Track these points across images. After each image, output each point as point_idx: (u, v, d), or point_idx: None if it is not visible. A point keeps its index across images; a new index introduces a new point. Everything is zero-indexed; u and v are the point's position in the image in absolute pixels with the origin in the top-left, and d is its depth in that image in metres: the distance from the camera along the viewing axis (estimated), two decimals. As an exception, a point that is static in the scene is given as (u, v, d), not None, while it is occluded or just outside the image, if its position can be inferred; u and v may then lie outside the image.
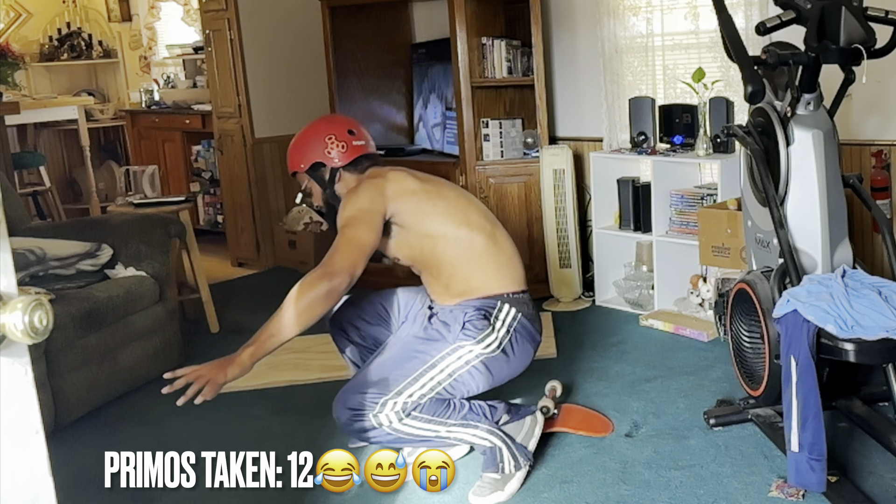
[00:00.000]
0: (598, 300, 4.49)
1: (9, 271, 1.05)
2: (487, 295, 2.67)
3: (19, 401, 1.06)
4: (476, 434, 2.63)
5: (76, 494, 2.79)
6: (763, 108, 2.91)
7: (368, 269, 5.27)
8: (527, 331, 2.70)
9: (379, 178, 2.72)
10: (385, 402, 2.52)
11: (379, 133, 5.21)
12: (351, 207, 2.62)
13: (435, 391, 2.56)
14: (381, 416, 2.52)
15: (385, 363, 2.62)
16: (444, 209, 2.72)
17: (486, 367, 2.62)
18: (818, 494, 2.45)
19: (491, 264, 2.71)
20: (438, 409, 2.58)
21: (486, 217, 2.81)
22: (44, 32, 7.63)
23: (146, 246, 3.86)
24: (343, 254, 2.52)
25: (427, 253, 2.72)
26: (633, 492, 2.60)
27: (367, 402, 2.53)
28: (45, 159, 6.74)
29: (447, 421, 2.59)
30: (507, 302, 2.67)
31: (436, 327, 2.65)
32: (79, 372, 3.36)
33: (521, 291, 2.73)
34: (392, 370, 2.57)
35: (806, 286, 2.61)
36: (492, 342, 2.61)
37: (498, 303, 2.66)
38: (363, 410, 2.52)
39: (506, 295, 2.69)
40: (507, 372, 2.69)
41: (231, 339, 4.25)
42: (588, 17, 4.57)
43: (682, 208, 4.14)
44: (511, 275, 2.72)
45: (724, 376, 3.38)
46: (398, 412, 2.53)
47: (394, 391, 2.53)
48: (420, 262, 2.77)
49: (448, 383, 2.58)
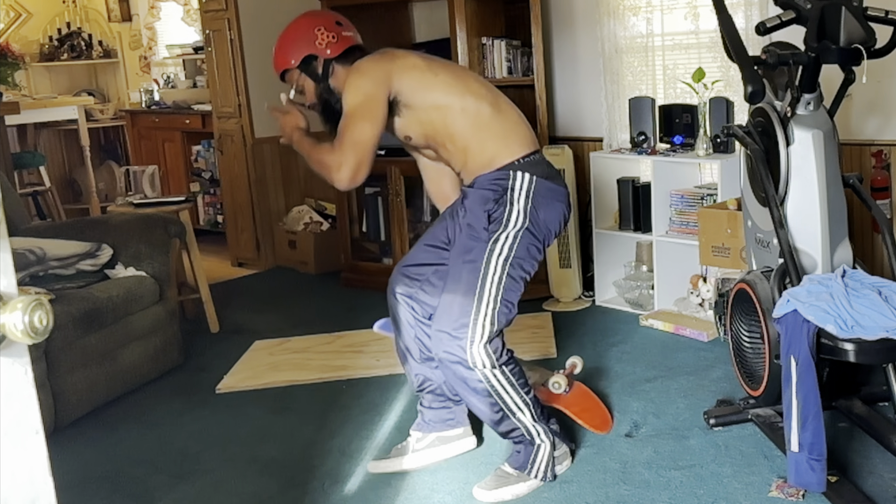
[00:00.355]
0: (598, 300, 4.49)
1: (9, 271, 1.05)
2: (500, 166, 2.62)
3: (19, 401, 1.06)
4: (535, 425, 2.64)
5: (76, 494, 2.79)
6: (763, 108, 2.91)
7: (368, 269, 5.27)
8: (547, 188, 2.64)
9: (382, 56, 2.67)
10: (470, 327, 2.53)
11: (379, 133, 5.21)
12: (355, 93, 2.57)
13: (503, 286, 2.55)
14: (475, 352, 2.53)
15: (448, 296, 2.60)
16: (446, 80, 2.66)
17: (528, 239, 2.60)
18: (818, 494, 2.45)
19: (499, 132, 2.65)
20: (522, 379, 2.62)
21: (485, 86, 2.75)
22: (44, 32, 7.63)
23: (146, 246, 3.86)
24: (350, 155, 2.51)
25: (438, 126, 2.66)
26: (633, 492, 2.60)
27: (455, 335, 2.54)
28: (45, 159, 6.73)
29: (523, 392, 2.61)
30: (519, 169, 2.62)
31: (466, 234, 2.62)
32: (79, 372, 3.36)
33: (531, 153, 2.67)
34: (457, 297, 2.57)
35: (806, 286, 2.61)
36: (517, 217, 2.59)
37: (510, 172, 2.61)
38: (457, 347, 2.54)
39: (517, 161, 2.62)
40: (546, 231, 2.65)
41: (231, 339, 4.26)
42: (588, 17, 4.57)
43: (682, 208, 4.14)
44: (519, 139, 2.66)
45: (724, 376, 3.38)
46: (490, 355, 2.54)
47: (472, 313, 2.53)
48: (432, 138, 2.69)
49: (508, 272, 2.57)
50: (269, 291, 5.25)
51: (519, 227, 2.59)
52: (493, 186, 2.61)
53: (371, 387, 3.55)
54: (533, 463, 2.65)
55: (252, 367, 3.88)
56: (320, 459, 2.95)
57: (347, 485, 2.77)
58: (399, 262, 2.92)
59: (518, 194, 2.60)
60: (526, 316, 4.31)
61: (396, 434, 3.10)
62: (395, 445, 2.94)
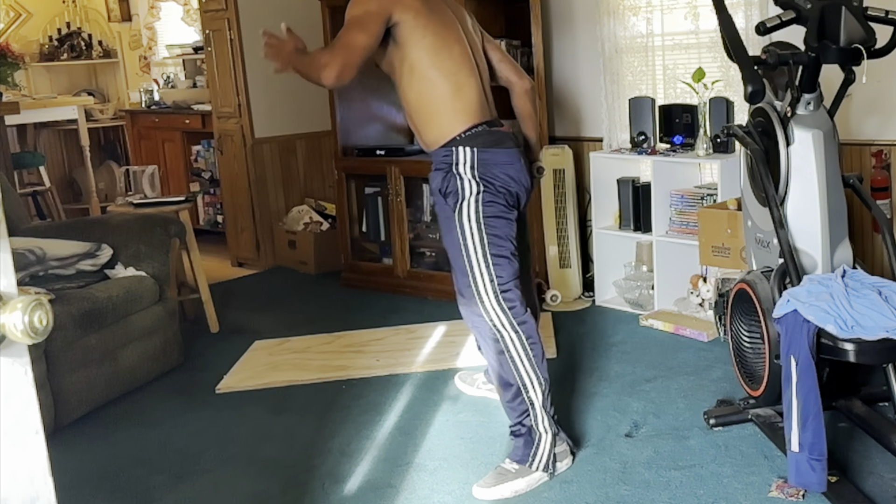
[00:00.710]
0: (598, 300, 4.49)
1: (9, 271, 1.05)
2: (444, 143, 2.78)
3: (19, 401, 1.06)
4: (543, 410, 2.71)
5: (76, 494, 2.79)
6: (763, 108, 2.91)
7: (368, 269, 5.26)
8: (488, 156, 2.75)
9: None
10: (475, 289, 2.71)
11: (379, 133, 5.22)
12: (358, 7, 2.69)
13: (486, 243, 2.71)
14: (489, 306, 2.70)
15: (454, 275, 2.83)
16: (427, 45, 2.75)
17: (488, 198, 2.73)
18: (818, 494, 2.45)
19: (448, 111, 2.78)
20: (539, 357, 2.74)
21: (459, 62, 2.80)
22: (44, 32, 7.63)
23: (146, 246, 3.86)
24: (340, 55, 2.62)
25: (405, 83, 2.79)
26: (633, 492, 2.60)
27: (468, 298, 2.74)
28: (45, 159, 6.74)
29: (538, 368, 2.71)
30: (460, 144, 2.75)
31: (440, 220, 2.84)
32: (79, 372, 3.36)
33: (473, 126, 2.77)
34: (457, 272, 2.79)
35: (806, 286, 2.61)
36: (469, 186, 2.73)
37: (453, 149, 2.76)
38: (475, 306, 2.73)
39: (458, 137, 2.75)
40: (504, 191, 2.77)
41: (231, 339, 4.26)
42: (588, 17, 4.57)
43: (682, 208, 4.14)
44: (464, 116, 2.77)
45: (724, 376, 3.38)
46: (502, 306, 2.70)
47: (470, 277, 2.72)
48: (398, 84, 2.83)
49: (485, 231, 2.71)
50: (268, 291, 5.25)
51: (476, 192, 2.73)
52: (441, 165, 2.79)
53: (371, 387, 3.56)
54: (534, 455, 2.67)
55: (252, 367, 3.88)
56: (320, 459, 2.95)
57: (347, 485, 2.77)
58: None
59: (463, 168, 2.74)
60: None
61: (396, 434, 3.10)
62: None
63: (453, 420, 3.19)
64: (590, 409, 3.20)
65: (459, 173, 2.73)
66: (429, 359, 3.82)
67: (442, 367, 3.71)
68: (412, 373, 3.67)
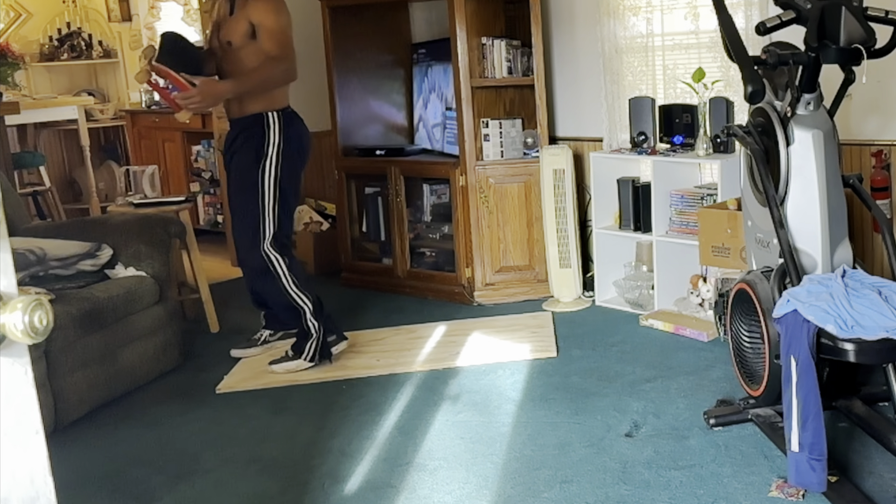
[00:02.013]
0: (598, 300, 4.49)
1: (9, 271, 1.05)
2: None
3: (19, 401, 1.06)
4: (313, 319, 3.67)
5: (76, 494, 2.79)
6: (763, 108, 2.91)
7: (368, 269, 5.24)
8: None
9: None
10: (263, 232, 3.59)
11: (379, 133, 5.22)
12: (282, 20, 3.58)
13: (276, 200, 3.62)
14: (268, 249, 3.60)
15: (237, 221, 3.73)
16: None
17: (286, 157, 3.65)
18: (818, 494, 2.45)
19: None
20: (304, 279, 3.72)
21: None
22: (44, 32, 7.63)
23: (146, 246, 3.86)
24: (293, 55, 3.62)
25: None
26: (633, 492, 2.60)
27: (253, 242, 3.60)
28: (45, 159, 6.73)
29: (301, 284, 3.67)
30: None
31: (238, 175, 3.70)
32: (79, 372, 3.36)
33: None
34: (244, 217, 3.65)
35: (806, 286, 2.61)
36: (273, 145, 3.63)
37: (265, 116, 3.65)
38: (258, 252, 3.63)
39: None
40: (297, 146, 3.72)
41: (231, 338, 4.25)
42: (588, 17, 4.57)
43: (682, 208, 4.14)
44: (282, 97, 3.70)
45: (724, 376, 3.38)
46: (278, 250, 3.62)
47: (260, 221, 3.59)
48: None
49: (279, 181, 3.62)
50: (269, 291, 5.24)
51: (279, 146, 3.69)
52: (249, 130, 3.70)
53: (371, 387, 3.56)
54: (309, 349, 3.68)
55: (252, 367, 3.88)
56: (320, 459, 2.95)
57: (347, 485, 2.77)
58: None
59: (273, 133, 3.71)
60: (526, 316, 4.32)
61: (396, 434, 3.10)
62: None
63: (453, 420, 3.20)
64: (590, 409, 3.20)
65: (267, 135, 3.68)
66: (429, 359, 3.82)
67: (442, 367, 3.71)
68: (412, 373, 3.67)
